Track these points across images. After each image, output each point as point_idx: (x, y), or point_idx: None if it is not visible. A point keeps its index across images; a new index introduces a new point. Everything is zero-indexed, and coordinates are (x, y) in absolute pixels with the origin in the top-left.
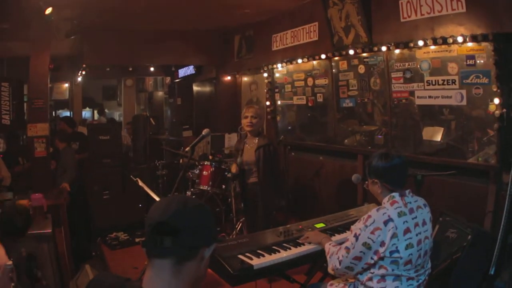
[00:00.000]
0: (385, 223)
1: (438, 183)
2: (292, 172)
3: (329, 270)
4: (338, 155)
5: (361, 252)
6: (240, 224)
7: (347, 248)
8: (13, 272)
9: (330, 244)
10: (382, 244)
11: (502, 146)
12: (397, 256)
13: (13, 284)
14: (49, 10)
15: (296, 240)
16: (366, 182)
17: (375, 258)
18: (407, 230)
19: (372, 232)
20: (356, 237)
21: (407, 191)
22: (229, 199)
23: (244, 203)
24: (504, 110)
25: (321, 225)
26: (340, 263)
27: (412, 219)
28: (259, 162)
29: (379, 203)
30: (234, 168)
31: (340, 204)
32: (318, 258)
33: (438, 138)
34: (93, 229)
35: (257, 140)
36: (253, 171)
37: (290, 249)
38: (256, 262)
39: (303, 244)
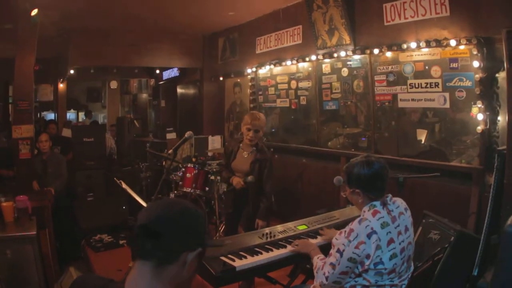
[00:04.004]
0: (369, 236)
1: (421, 185)
2: (275, 174)
3: (317, 285)
4: (321, 157)
5: (347, 267)
6: (223, 226)
7: (332, 264)
8: None
9: (318, 258)
10: (367, 256)
11: (485, 148)
12: (381, 267)
13: None
14: (34, 12)
15: (279, 242)
16: (343, 190)
17: (360, 269)
18: (390, 241)
19: (356, 247)
20: (340, 253)
21: (388, 198)
22: (212, 201)
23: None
24: (487, 112)
25: (303, 227)
26: (327, 279)
27: (395, 228)
28: (253, 175)
29: None
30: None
31: (323, 206)
32: (300, 260)
33: (422, 140)
34: (77, 231)
35: (254, 150)
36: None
37: (272, 250)
38: (238, 263)
39: (285, 246)
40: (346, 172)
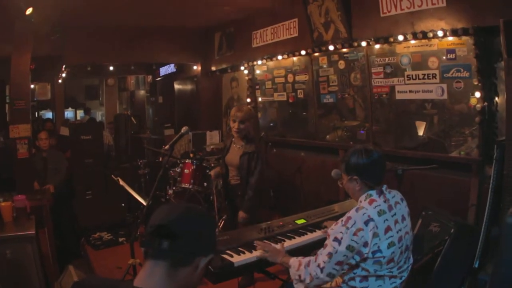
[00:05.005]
0: (366, 223)
1: (420, 177)
2: (274, 168)
3: (300, 285)
4: (319, 150)
5: (344, 256)
6: (223, 222)
7: (329, 254)
8: None
9: (297, 258)
10: (365, 244)
11: (484, 140)
12: (379, 256)
13: None
14: (29, 11)
15: (277, 236)
16: (340, 179)
17: (358, 259)
18: (388, 229)
19: (355, 234)
20: (338, 241)
21: (383, 188)
22: (211, 197)
23: (227, 200)
24: (486, 103)
25: (302, 221)
26: (322, 271)
27: (392, 216)
28: (242, 169)
29: None
30: (213, 174)
31: (322, 199)
32: (299, 255)
33: (421, 132)
34: (77, 229)
35: (244, 144)
36: (235, 173)
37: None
38: (236, 259)
39: (284, 241)
40: (344, 160)
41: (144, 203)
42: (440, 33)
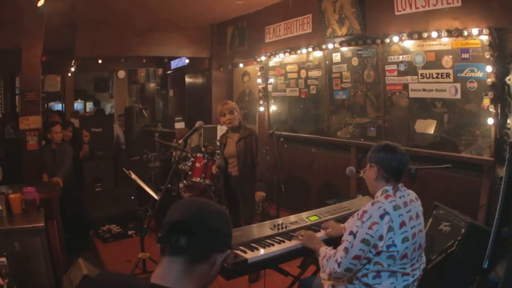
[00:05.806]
0: (381, 216)
1: (431, 176)
2: (285, 164)
3: (324, 275)
4: (331, 147)
5: (360, 250)
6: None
7: (346, 248)
8: (6, 268)
9: (327, 248)
10: (380, 238)
11: (496, 140)
12: (394, 250)
13: (6, 280)
14: (41, 2)
15: (290, 233)
16: (364, 169)
17: (374, 252)
18: (402, 224)
19: (370, 228)
20: (354, 234)
21: (399, 185)
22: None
23: (227, 195)
24: (499, 104)
25: (314, 217)
26: (339, 266)
27: (407, 212)
28: (240, 154)
29: (372, 196)
30: (213, 169)
31: (332, 196)
32: (311, 252)
33: (431, 131)
34: (86, 221)
35: (238, 133)
36: (235, 164)
37: (284, 242)
38: (250, 255)
39: (297, 237)
40: (370, 150)
41: (155, 197)
42: (454, 33)
